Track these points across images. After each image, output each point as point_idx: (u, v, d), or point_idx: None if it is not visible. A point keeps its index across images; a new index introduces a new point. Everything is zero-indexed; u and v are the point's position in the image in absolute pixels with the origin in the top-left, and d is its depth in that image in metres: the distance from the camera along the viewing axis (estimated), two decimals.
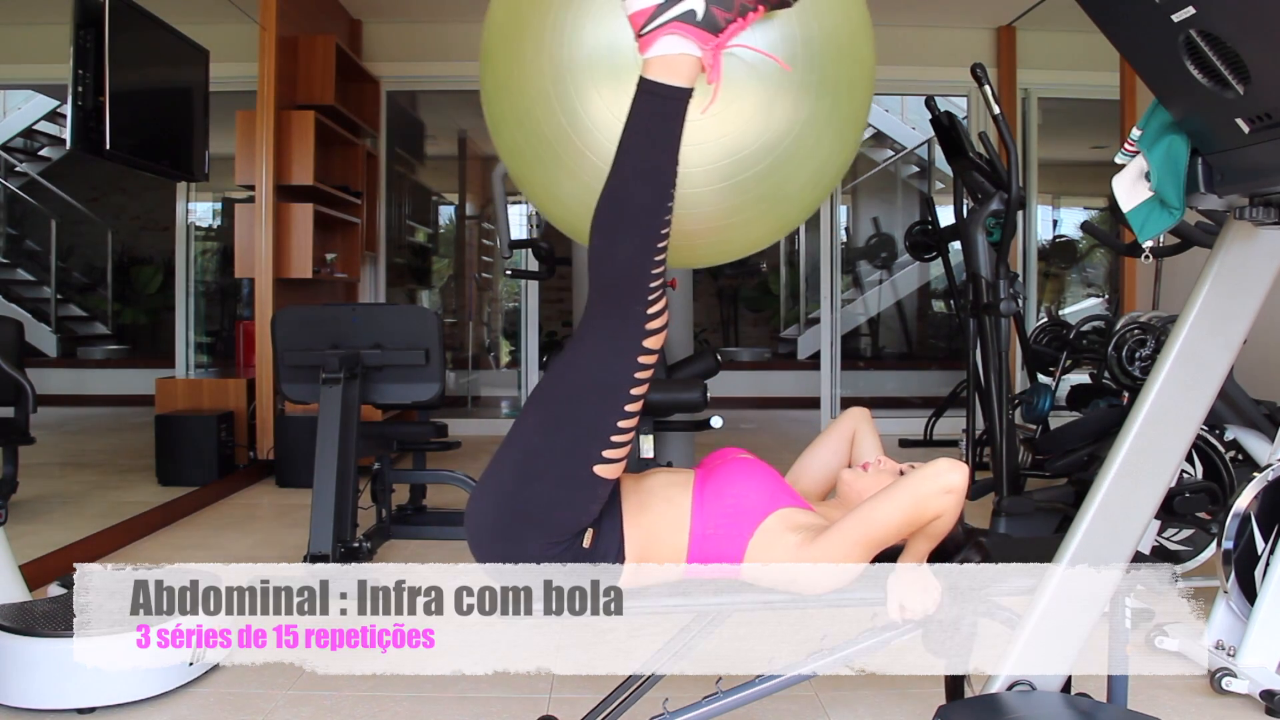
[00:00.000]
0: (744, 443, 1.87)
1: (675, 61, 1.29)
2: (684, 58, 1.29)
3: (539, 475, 1.44)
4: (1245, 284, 1.53)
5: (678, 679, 1.88)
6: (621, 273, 1.35)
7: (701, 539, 1.52)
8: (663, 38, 1.28)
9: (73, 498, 4.36)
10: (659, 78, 1.29)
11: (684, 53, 1.28)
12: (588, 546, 1.50)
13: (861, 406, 1.83)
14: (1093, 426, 3.33)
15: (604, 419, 1.42)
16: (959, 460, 1.43)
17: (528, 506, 1.45)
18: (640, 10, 1.29)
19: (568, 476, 1.43)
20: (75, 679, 2.10)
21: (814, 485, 1.77)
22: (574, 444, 1.42)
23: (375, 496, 3.66)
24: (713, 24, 1.29)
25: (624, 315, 1.38)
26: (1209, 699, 2.23)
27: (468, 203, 9.06)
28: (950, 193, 4.74)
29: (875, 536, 1.45)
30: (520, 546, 1.47)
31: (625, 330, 1.39)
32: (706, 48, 1.30)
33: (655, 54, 1.29)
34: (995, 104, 3.19)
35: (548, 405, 1.45)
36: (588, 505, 1.46)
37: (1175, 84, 1.40)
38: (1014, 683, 1.53)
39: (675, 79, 1.29)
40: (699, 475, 1.60)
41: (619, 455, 1.44)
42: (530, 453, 1.45)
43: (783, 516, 1.51)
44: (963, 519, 1.59)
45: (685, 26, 1.28)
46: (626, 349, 1.40)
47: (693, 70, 1.30)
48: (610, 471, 1.44)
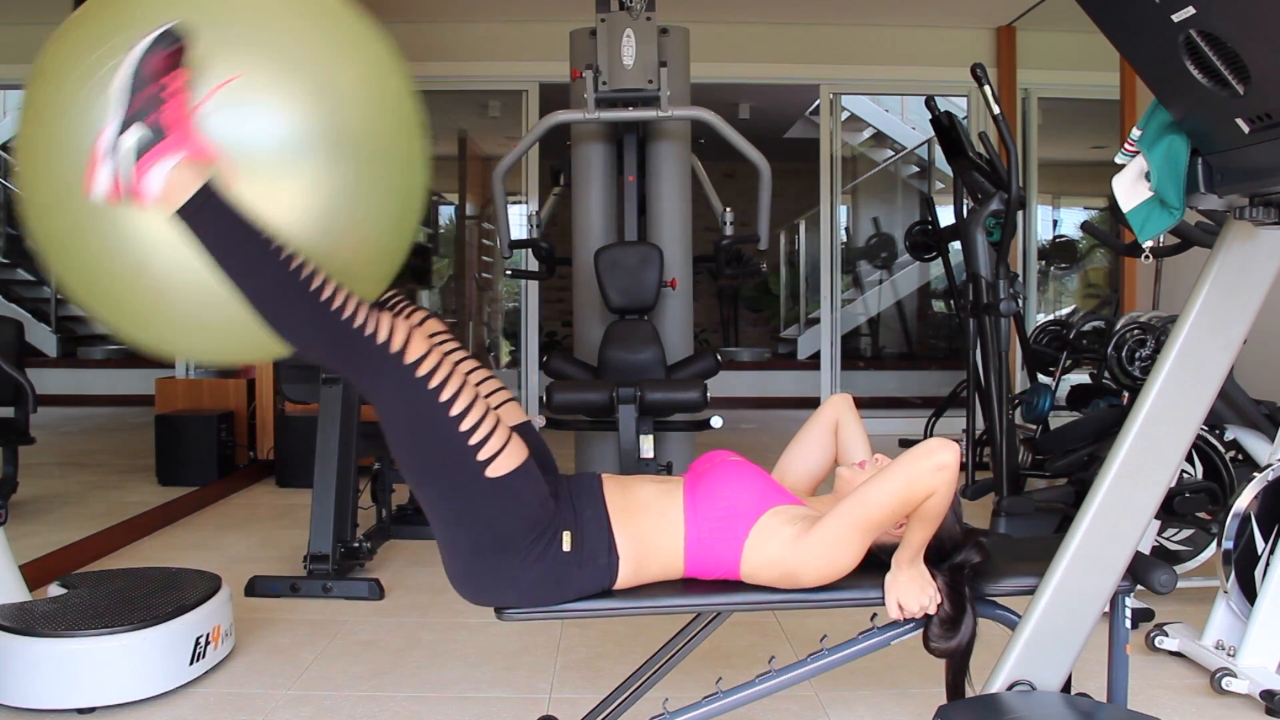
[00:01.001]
0: (744, 443, 1.87)
1: (174, 181, 1.26)
2: (175, 171, 1.26)
3: (458, 514, 1.45)
4: (1245, 284, 1.53)
5: (678, 679, 1.88)
6: (324, 341, 1.36)
7: (697, 544, 1.52)
8: (146, 179, 1.26)
9: (73, 498, 4.36)
10: (179, 199, 1.27)
11: (170, 169, 1.26)
12: (569, 550, 1.49)
13: (844, 394, 1.81)
14: (1093, 426, 3.33)
15: (448, 439, 1.41)
16: (947, 440, 1.43)
17: (477, 542, 1.46)
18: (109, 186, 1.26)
19: (477, 496, 1.43)
20: (75, 679, 2.10)
21: (801, 478, 1.76)
22: (453, 473, 1.43)
23: (375, 496, 3.66)
24: (157, 130, 1.25)
25: (370, 363, 1.38)
26: (1209, 699, 2.23)
27: (468, 203, 9.06)
28: (950, 193, 4.74)
29: (872, 518, 1.45)
30: (505, 574, 1.47)
31: (384, 372, 1.39)
32: (177, 147, 1.26)
33: (155, 193, 1.26)
34: (995, 104, 3.19)
35: (409, 467, 1.46)
36: (520, 503, 1.46)
37: (1175, 84, 1.40)
38: (1014, 683, 1.53)
39: (189, 188, 1.27)
40: (688, 481, 1.59)
41: (495, 447, 1.43)
42: (437, 506, 1.47)
43: (776, 513, 1.51)
44: (960, 518, 1.59)
45: (148, 156, 1.25)
46: (401, 382, 1.39)
47: (190, 169, 1.27)
48: (505, 464, 1.44)
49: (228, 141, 1.30)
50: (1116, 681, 1.58)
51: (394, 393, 1.40)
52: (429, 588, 3.08)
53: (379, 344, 1.38)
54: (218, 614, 2.38)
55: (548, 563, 1.48)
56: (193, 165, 1.27)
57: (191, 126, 1.28)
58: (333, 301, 1.34)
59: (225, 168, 1.29)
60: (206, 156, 1.28)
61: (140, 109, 1.25)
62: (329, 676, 2.39)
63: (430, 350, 1.42)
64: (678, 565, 1.54)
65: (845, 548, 1.46)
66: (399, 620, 2.81)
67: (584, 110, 4.00)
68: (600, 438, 4.31)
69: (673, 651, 1.81)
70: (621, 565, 1.51)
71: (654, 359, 4.00)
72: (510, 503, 1.45)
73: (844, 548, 1.46)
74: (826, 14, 6.29)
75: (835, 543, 1.46)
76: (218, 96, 1.29)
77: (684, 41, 4.42)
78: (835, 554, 1.47)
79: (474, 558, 1.48)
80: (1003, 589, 1.59)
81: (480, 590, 1.51)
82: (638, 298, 4.09)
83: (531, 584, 1.48)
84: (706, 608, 1.65)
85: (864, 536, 1.47)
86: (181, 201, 1.27)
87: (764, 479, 1.58)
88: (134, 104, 1.25)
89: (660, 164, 4.43)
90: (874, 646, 1.58)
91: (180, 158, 1.27)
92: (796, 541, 1.47)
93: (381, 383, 1.40)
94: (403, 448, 1.44)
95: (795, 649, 2.56)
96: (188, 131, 1.27)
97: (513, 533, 1.46)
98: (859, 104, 8.38)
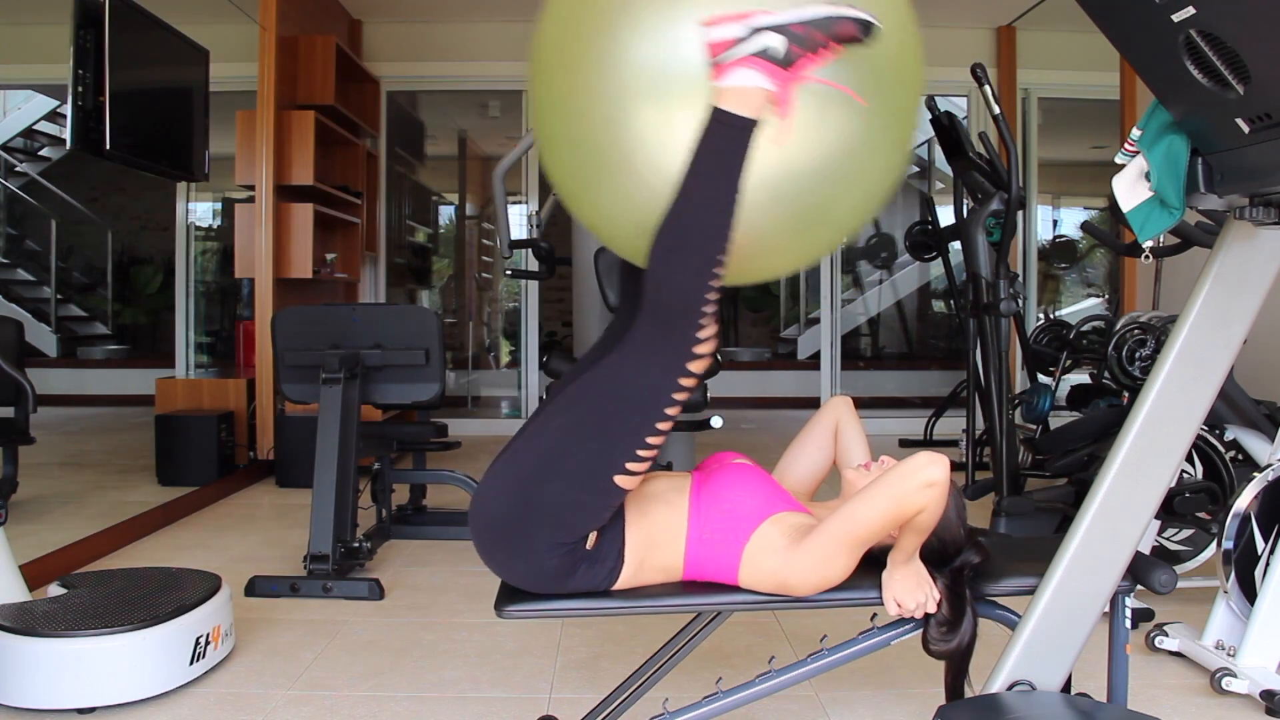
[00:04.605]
0: (744, 443, 1.87)
1: (748, 94, 1.30)
2: (757, 91, 1.30)
3: (560, 475, 1.45)
4: (1245, 284, 1.53)
5: (678, 679, 1.88)
6: (677, 296, 1.38)
7: (698, 543, 1.53)
8: (738, 69, 1.30)
9: (73, 498, 4.36)
10: (731, 108, 1.30)
11: (758, 86, 1.30)
12: (590, 548, 1.50)
13: (844, 396, 1.82)
14: (1093, 426, 3.33)
15: (635, 434, 1.44)
16: (937, 454, 1.43)
17: (542, 502, 1.46)
18: (720, 41, 1.31)
19: (588, 482, 1.45)
20: (75, 679, 2.10)
21: (802, 479, 1.76)
22: (600, 452, 1.44)
23: (375, 496, 3.66)
24: (788, 59, 1.31)
25: (674, 337, 1.41)
26: (1209, 699, 2.23)
27: (468, 203, 9.07)
28: (950, 193, 4.74)
29: (859, 535, 1.46)
30: (527, 542, 1.47)
31: (672, 351, 1.42)
32: (779, 82, 1.31)
33: (729, 84, 1.30)
34: (995, 104, 3.19)
35: (580, 411, 1.46)
36: (601, 511, 1.47)
37: (1175, 84, 1.40)
38: (1014, 683, 1.53)
39: (746, 110, 1.30)
40: (696, 479, 1.60)
41: (641, 469, 1.46)
42: (554, 453, 1.46)
43: (777, 521, 1.52)
44: (965, 521, 1.59)
45: (761, 62, 1.30)
46: (670, 369, 1.42)
47: (763, 103, 1.31)
48: (629, 482, 1.46)
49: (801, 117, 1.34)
50: (1116, 681, 1.58)
51: (654, 372, 1.43)
52: (429, 588, 3.08)
53: (698, 335, 1.41)
54: (218, 614, 2.38)
55: (567, 557, 1.49)
56: (768, 103, 1.31)
57: (801, 83, 1.33)
58: (713, 280, 1.37)
59: (777, 130, 1.33)
60: (784, 109, 1.33)
61: (799, 36, 1.30)
62: (329, 676, 2.39)
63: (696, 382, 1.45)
64: (677, 566, 1.54)
65: (834, 563, 1.47)
66: (399, 620, 2.81)
67: None
68: None
69: (673, 651, 1.81)
70: (625, 567, 1.52)
71: None
72: (596, 509, 1.47)
73: (832, 563, 1.47)
74: None
75: (824, 558, 1.47)
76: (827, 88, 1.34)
77: None
78: (824, 569, 1.48)
79: (521, 515, 1.47)
80: (1003, 589, 1.59)
81: (498, 541, 1.50)
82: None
83: (542, 568, 1.49)
84: (706, 608, 1.66)
85: (853, 552, 1.48)
86: (730, 109, 1.30)
87: (768, 484, 1.59)
88: (801, 27, 1.30)
89: None
90: (874, 646, 1.58)
91: (770, 89, 1.31)
92: (788, 553, 1.49)
93: (660, 356, 1.42)
94: (598, 401, 1.45)
95: (795, 649, 2.56)
96: (797, 82, 1.32)
97: (569, 525, 1.46)
98: None
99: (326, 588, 3.00)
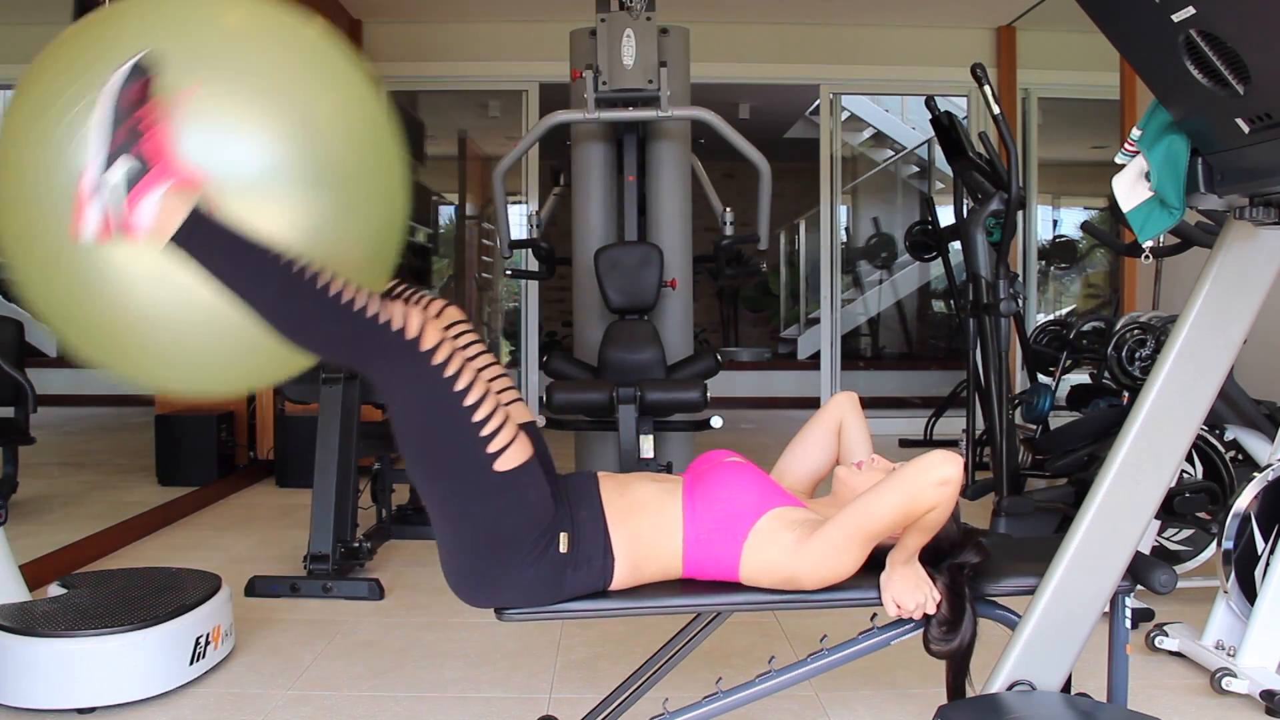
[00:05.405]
0: (744, 443, 1.87)
1: (163, 213, 1.27)
2: (165, 201, 1.27)
3: (461, 508, 1.45)
4: (1245, 284, 1.53)
5: (678, 679, 1.88)
6: (340, 337, 1.36)
7: (695, 543, 1.52)
8: (138, 212, 1.27)
9: (73, 498, 4.36)
10: (171, 229, 1.27)
11: (157, 202, 1.27)
12: (565, 551, 1.49)
13: (849, 392, 1.79)
14: (1093, 426, 3.33)
15: (461, 430, 1.41)
16: (951, 453, 1.43)
17: (478, 535, 1.46)
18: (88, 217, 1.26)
19: (483, 490, 1.43)
20: (75, 679, 2.10)
21: (801, 478, 1.75)
22: (462, 466, 1.42)
23: (375, 496, 3.66)
24: (144, 161, 1.26)
25: (388, 355, 1.38)
26: (1209, 699, 2.23)
27: (468, 203, 9.06)
28: (950, 193, 4.74)
29: (872, 529, 1.45)
30: (499, 571, 1.47)
31: (403, 365, 1.39)
32: (159, 176, 1.27)
33: (150, 225, 1.27)
34: (995, 104, 3.19)
35: (418, 459, 1.45)
36: (524, 501, 1.46)
37: (1175, 84, 1.40)
38: (1014, 683, 1.53)
39: (176, 217, 1.27)
40: (687, 481, 1.59)
41: (504, 441, 1.43)
42: (441, 501, 1.46)
43: (776, 515, 1.51)
44: (958, 518, 1.59)
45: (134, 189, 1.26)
46: (416, 370, 1.39)
47: (181, 198, 1.28)
48: (513, 458, 1.44)
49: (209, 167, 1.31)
50: (1116, 681, 1.58)
51: (409, 381, 1.40)
52: (429, 588, 3.08)
53: (393, 332, 1.38)
54: (218, 614, 2.38)
55: (545, 564, 1.47)
56: (180, 192, 1.28)
57: (173, 154, 1.29)
58: (342, 296, 1.35)
59: (210, 191, 1.30)
60: (192, 182, 1.29)
61: (123, 142, 1.25)
62: (329, 676, 2.39)
63: (443, 340, 1.42)
64: (676, 566, 1.54)
65: (845, 555, 1.47)
66: (399, 620, 2.81)
67: (584, 110, 4.00)
68: (600, 438, 4.31)
69: (673, 651, 1.81)
70: (618, 566, 1.51)
71: (654, 359, 4.00)
72: (514, 499, 1.45)
73: (844, 555, 1.47)
74: (826, 14, 6.29)
75: (836, 550, 1.46)
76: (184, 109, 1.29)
77: (684, 41, 4.42)
78: (836, 561, 1.47)
79: (474, 556, 1.47)
80: (1003, 589, 1.59)
81: (477, 589, 1.51)
82: (638, 298, 4.09)
83: (527, 585, 1.48)
84: (706, 608, 1.65)
85: (864, 545, 1.47)
86: (174, 229, 1.28)
87: (763, 480, 1.58)
88: (116, 138, 1.25)
89: (660, 164, 4.43)
90: (874, 646, 1.58)
91: (168, 186, 1.27)
92: (798, 547, 1.47)
93: (397, 371, 1.40)
94: (413, 439, 1.44)
95: (795, 649, 2.56)
96: (171, 159, 1.28)
97: (514, 532, 1.46)
98: (859, 104, 8.38)
99: (326, 588, 3.00)
